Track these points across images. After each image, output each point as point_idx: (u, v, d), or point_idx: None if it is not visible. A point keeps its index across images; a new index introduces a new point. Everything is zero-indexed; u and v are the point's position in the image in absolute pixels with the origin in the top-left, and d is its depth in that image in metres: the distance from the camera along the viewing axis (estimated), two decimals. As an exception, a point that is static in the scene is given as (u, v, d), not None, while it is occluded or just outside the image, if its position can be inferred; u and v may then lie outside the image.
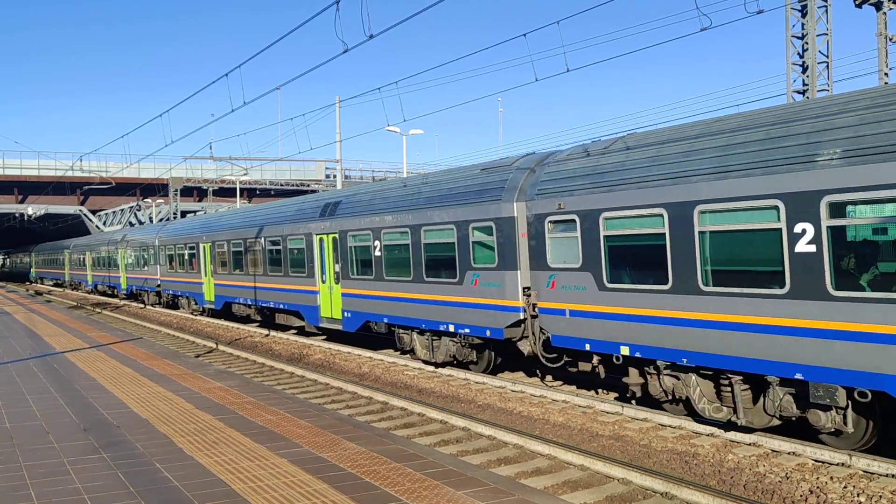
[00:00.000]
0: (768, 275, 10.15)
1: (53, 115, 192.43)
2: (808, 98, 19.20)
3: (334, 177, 52.67)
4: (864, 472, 9.49)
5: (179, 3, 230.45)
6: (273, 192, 64.63)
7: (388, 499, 6.68)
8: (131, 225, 58.52)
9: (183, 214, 54.47)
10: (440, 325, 16.62)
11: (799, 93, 23.23)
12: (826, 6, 23.06)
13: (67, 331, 23.36)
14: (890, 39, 22.90)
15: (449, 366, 17.56)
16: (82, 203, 68.47)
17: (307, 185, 60.71)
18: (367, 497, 6.75)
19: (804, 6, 22.99)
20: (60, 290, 65.81)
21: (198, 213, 51.32)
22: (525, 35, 17.97)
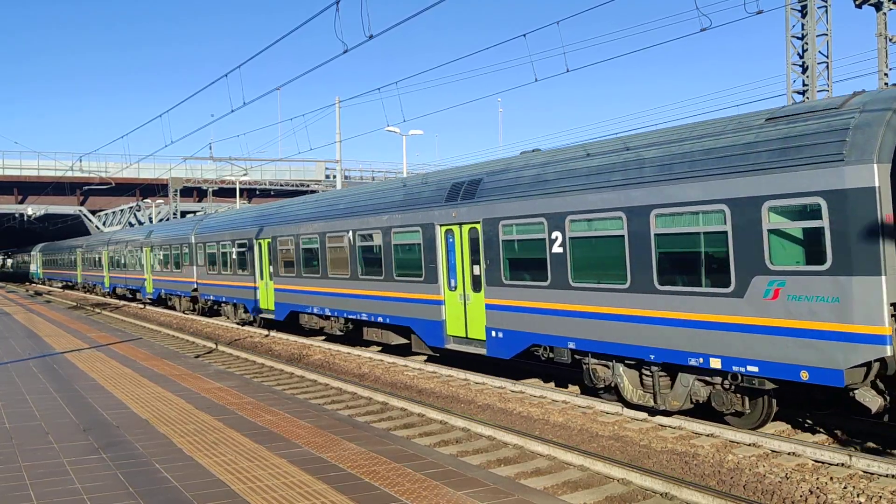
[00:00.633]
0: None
1: (53, 115, 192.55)
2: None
3: (334, 177, 52.76)
4: (864, 472, 9.50)
5: (179, 3, 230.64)
6: (273, 193, 64.70)
7: (388, 499, 6.68)
8: (131, 225, 58.48)
9: (182, 215, 54.39)
10: (688, 358, 11.30)
11: (799, 93, 23.25)
12: (826, 6, 23.09)
13: (67, 331, 23.36)
14: (890, 40, 22.92)
15: (685, 415, 12.37)
16: (82, 203, 68.54)
17: (307, 186, 60.83)
18: (367, 497, 6.74)
19: (804, 6, 23.01)
20: (60, 290, 65.84)
21: (245, 206, 47.51)
22: (525, 35, 18.06)
